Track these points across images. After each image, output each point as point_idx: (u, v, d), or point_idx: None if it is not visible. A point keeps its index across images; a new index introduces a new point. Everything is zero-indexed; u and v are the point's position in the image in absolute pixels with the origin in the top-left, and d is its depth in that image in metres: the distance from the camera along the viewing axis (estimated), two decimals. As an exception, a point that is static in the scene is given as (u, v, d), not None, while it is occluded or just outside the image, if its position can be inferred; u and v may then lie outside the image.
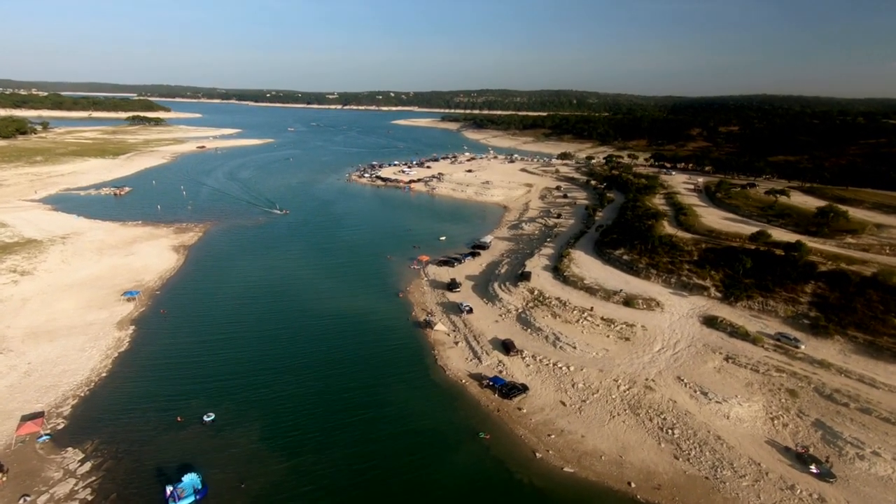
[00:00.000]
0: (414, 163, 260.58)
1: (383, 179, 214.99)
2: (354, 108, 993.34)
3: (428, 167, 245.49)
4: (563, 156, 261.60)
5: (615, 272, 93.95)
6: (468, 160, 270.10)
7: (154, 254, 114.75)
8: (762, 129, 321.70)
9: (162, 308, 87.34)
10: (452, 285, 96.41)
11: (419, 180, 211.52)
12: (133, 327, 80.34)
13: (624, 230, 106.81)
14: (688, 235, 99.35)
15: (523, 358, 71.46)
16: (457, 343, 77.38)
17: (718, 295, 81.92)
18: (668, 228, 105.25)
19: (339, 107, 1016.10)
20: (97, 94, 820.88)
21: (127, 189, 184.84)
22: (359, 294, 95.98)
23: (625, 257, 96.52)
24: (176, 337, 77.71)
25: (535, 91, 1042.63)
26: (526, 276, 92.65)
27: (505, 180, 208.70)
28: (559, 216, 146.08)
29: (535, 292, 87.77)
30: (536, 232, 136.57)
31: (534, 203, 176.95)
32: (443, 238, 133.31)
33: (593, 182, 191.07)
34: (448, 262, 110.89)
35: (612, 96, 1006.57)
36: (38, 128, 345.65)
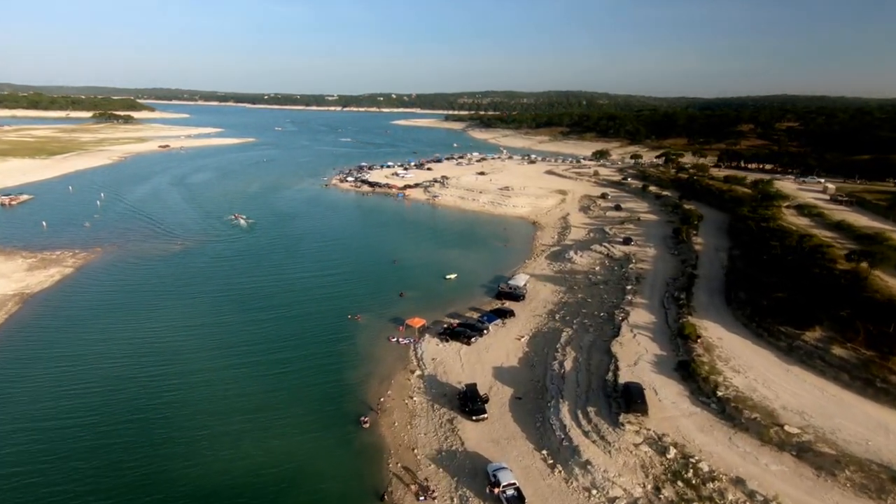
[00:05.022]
0: (412, 164, 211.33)
1: (371, 184, 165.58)
2: (354, 109, 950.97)
3: (429, 169, 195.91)
4: (599, 155, 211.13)
5: (827, 386, 43.68)
6: (478, 161, 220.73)
7: (-49, 314, 66.00)
8: (823, 124, 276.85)
9: None
10: (471, 403, 46.85)
11: (417, 185, 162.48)
12: None
13: (797, 284, 56.28)
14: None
15: None
16: None
17: None
18: (888, 281, 55.08)
19: (338, 108, 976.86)
20: (80, 95, 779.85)
21: (25, 197, 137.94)
22: (286, 421, 46.68)
23: (835, 351, 46.22)
24: None
25: (543, 92, 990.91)
26: (635, 401, 41.95)
27: (529, 186, 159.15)
28: (628, 241, 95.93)
29: (671, 451, 37.75)
30: (597, 267, 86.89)
31: (575, 217, 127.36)
32: (451, 276, 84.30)
33: (653, 189, 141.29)
34: (460, 335, 61.36)
35: (624, 97, 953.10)
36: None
